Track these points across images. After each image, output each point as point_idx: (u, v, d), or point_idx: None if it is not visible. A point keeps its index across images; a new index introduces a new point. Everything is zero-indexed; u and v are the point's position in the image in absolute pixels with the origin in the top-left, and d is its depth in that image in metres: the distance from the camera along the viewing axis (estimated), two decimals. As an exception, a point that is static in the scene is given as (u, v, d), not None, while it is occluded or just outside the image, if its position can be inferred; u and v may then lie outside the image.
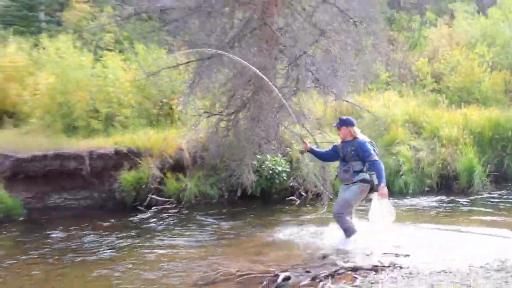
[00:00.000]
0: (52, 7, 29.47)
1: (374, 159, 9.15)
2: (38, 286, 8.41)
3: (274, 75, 12.88)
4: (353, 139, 9.33)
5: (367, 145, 9.26)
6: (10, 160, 13.38)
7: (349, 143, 9.34)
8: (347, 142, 9.39)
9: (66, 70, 15.56)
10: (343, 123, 9.44)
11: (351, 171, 9.33)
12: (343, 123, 9.44)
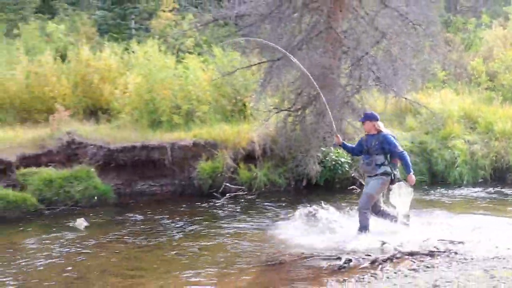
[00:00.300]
0: (141, 16, 30.23)
1: (401, 150, 9.07)
2: (121, 262, 8.91)
3: (338, 75, 13.05)
4: (378, 132, 9.19)
5: (391, 138, 9.15)
6: (103, 150, 13.98)
7: (374, 137, 9.20)
8: (371, 136, 9.24)
9: (152, 71, 15.97)
10: (367, 117, 9.37)
11: (374, 164, 9.20)
12: (367, 117, 9.37)
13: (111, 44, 19.77)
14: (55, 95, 17.18)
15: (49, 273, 8.33)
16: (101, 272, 8.33)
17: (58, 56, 18.74)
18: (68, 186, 12.99)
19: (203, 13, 13.92)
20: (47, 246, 9.77)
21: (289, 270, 7.93)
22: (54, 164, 13.56)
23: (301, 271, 7.83)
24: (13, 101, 17.34)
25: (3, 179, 13.06)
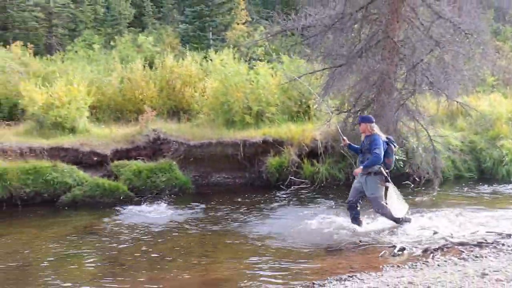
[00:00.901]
0: (218, 28, 30.53)
1: (375, 152, 8.74)
2: (198, 244, 9.07)
3: (395, 79, 12.76)
4: (371, 134, 8.96)
5: (379, 141, 8.83)
6: (184, 146, 14.17)
7: (367, 138, 9.00)
8: (366, 137, 9.05)
9: (227, 77, 16.04)
10: (363, 119, 9.20)
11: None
12: (363, 119, 9.20)
13: (192, 53, 20.05)
14: (144, 97, 17.57)
15: (134, 251, 8.51)
16: (180, 252, 8.45)
17: (146, 64, 19.12)
18: (153, 177, 13.21)
19: (272, 25, 13.77)
20: (134, 228, 10.03)
21: (347, 256, 7.82)
22: (142, 157, 13.84)
23: (358, 257, 7.72)
24: (109, 103, 17.83)
25: (100, 170, 13.45)
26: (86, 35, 31.76)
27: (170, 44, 28.37)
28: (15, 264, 8.21)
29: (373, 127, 9.03)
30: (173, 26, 34.44)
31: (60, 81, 15.11)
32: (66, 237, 9.62)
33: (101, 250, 8.82)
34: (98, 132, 14.76)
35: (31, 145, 13.33)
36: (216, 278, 7.23)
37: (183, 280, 7.12)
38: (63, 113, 14.51)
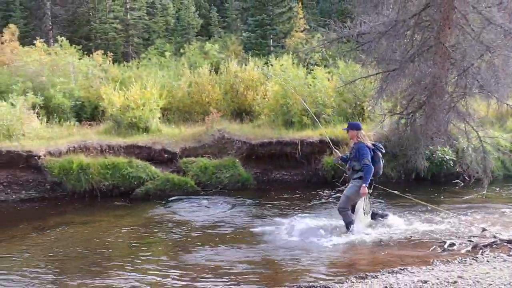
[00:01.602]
0: (278, 36, 30.56)
1: (365, 163, 8.34)
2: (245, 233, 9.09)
3: (446, 83, 12.40)
4: (357, 142, 8.58)
5: (364, 149, 8.41)
6: (247, 145, 14.25)
7: (355, 145, 8.67)
8: (354, 144, 8.71)
9: (287, 81, 16.01)
10: (350, 126, 8.75)
11: (351, 169, 8.66)
12: (350, 126, 8.75)
13: (254, 59, 20.09)
14: (210, 100, 17.78)
15: (198, 239, 8.63)
16: (233, 240, 8.50)
17: (213, 69, 19.32)
18: (218, 173, 13.34)
19: (329, 32, 13.65)
20: (199, 219, 10.27)
21: (398, 250, 7.67)
22: (208, 155, 13.98)
23: (409, 252, 7.57)
24: (178, 105, 18.14)
25: (170, 166, 13.70)
26: (158, 43, 32.50)
27: (234, 51, 28.60)
28: (95, 249, 8.49)
29: (360, 135, 8.63)
30: (237, 35, 34.72)
31: (135, 86, 15.49)
32: (140, 226, 9.87)
33: (170, 237, 8.99)
34: (168, 132, 15.05)
35: (110, 143, 13.74)
36: (275, 267, 7.24)
37: (242, 260, 7.20)
38: (138, 114, 14.87)
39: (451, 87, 12.72)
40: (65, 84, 17.82)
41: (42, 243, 8.95)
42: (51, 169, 12.67)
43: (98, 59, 22.79)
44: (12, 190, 12.88)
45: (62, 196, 12.71)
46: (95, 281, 6.86)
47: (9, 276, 7.25)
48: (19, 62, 19.64)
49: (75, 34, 33.34)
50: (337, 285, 6.04)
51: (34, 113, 14.97)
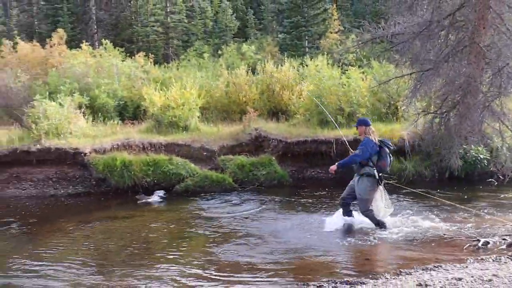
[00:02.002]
0: (313, 37, 30.42)
1: (355, 152, 8.34)
2: (297, 227, 9.06)
3: (481, 82, 12.12)
4: (365, 137, 8.41)
5: (365, 142, 8.28)
6: (282, 143, 14.22)
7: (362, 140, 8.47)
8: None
9: (321, 81, 15.94)
10: (359, 122, 8.63)
11: (358, 164, 8.44)
12: (359, 122, 8.63)
13: (289, 59, 20.04)
14: (247, 100, 17.81)
15: (236, 236, 8.68)
16: (273, 232, 8.47)
17: (249, 70, 19.35)
18: (255, 170, 13.37)
19: (363, 33, 13.50)
20: (236, 213, 10.38)
21: (432, 248, 7.54)
22: (245, 153, 14.04)
23: (443, 249, 7.42)
24: (216, 105, 18.24)
25: (208, 163, 13.80)
26: (197, 45, 32.73)
27: (270, 52, 28.60)
28: (137, 242, 8.63)
29: (368, 130, 8.47)
30: (273, 36, 34.68)
31: (176, 86, 15.66)
32: (180, 221, 9.99)
33: (207, 232, 9.05)
34: (207, 130, 15.16)
35: (151, 141, 13.94)
36: (312, 262, 7.23)
37: (276, 256, 7.20)
38: (178, 114, 15.03)
39: (486, 86, 12.43)
40: (109, 84, 18.15)
41: (88, 236, 9.15)
42: (96, 165, 12.94)
43: (140, 60, 23.11)
44: (60, 185, 13.23)
45: (106, 192, 12.97)
46: (137, 273, 6.96)
47: (57, 266, 7.43)
48: (66, 64, 20.08)
49: (118, 37, 33.88)
50: (372, 281, 5.98)
51: (81, 112, 15.30)
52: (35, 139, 13.53)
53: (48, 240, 9.00)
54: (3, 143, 13.58)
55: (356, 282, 5.99)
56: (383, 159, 8.30)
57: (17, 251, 8.34)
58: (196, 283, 6.53)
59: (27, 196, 12.86)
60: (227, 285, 6.41)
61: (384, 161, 8.31)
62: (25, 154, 13.38)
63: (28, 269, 7.40)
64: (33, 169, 13.48)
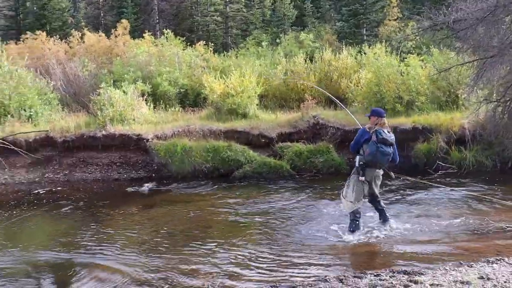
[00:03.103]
0: (372, 25, 29.77)
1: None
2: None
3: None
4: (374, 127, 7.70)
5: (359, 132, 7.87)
6: (340, 131, 14.01)
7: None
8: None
9: (380, 69, 15.59)
10: (372, 112, 7.90)
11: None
12: (372, 112, 7.90)
13: (347, 48, 19.72)
14: (305, 87, 17.65)
15: (293, 221, 8.63)
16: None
17: (307, 58, 19.16)
18: (312, 158, 13.25)
19: (423, 19, 13.05)
20: (291, 199, 10.35)
21: (493, 240, 7.24)
22: (302, 140, 13.92)
23: (505, 242, 7.10)
24: (275, 92, 18.24)
25: (266, 150, 13.80)
26: (255, 34, 32.67)
27: (328, 40, 28.18)
28: (197, 226, 8.76)
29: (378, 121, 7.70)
30: (331, 24, 34.16)
31: (235, 74, 15.71)
32: (236, 205, 10.05)
33: (264, 218, 9.06)
34: (265, 118, 15.15)
35: (211, 127, 14.07)
36: (367, 250, 7.11)
37: (335, 243, 7.12)
38: (237, 101, 15.09)
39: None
40: (170, 73, 18.43)
41: (149, 219, 9.37)
42: (158, 151, 13.20)
43: (200, 49, 23.33)
44: (124, 170, 13.59)
45: (167, 176, 13.20)
46: (196, 257, 7.07)
47: (120, 247, 7.65)
48: (130, 54, 20.58)
49: (179, 27, 34.30)
50: (430, 271, 5.80)
51: (143, 100, 15.63)
52: (101, 125, 13.94)
53: (113, 222, 9.29)
54: (71, 128, 14.07)
55: (414, 271, 5.82)
56: (368, 148, 7.59)
57: (83, 231, 8.65)
58: (257, 265, 6.58)
59: (92, 179, 13.30)
60: (286, 269, 6.41)
61: (368, 150, 7.57)
62: (91, 139, 13.84)
63: (92, 249, 7.66)
64: (98, 154, 13.92)
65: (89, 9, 41.88)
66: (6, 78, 15.25)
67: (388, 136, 7.61)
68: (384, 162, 7.67)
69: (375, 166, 7.68)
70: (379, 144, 7.49)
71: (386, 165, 7.85)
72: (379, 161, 7.60)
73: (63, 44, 25.48)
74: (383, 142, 7.51)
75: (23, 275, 6.72)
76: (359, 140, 7.81)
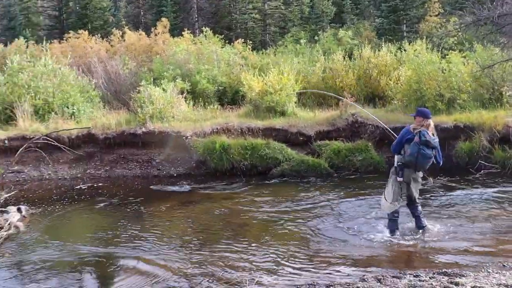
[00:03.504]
0: (412, 21, 29.33)
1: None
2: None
3: None
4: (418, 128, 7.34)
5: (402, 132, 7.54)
6: (379, 129, 13.79)
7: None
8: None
9: (420, 66, 15.32)
10: (417, 112, 7.49)
11: None
12: (417, 112, 7.49)
13: (387, 44, 19.45)
14: (343, 85, 17.56)
15: (331, 219, 8.59)
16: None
17: (346, 55, 19.01)
18: (351, 156, 13.13)
19: (466, 15, 12.75)
20: (328, 198, 10.25)
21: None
22: (341, 138, 13.81)
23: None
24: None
25: (304, 148, 13.76)
26: (294, 31, 32.61)
27: (367, 37, 27.90)
28: (234, 222, 8.86)
29: (424, 122, 7.34)
30: (370, 21, 33.81)
31: (273, 72, 15.71)
32: (274, 203, 10.08)
33: (303, 215, 9.05)
34: (303, 115, 15.09)
35: (249, 125, 14.11)
36: (406, 250, 7.03)
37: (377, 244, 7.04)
38: (275, 99, 15.07)
39: None
40: (209, 71, 18.58)
41: (188, 215, 9.50)
42: (197, 148, 13.34)
43: (239, 47, 23.42)
44: (163, 167, 13.78)
45: (206, 174, 13.32)
46: (234, 253, 7.15)
47: (160, 242, 7.80)
48: (169, 52, 20.83)
49: (218, 25, 34.53)
50: (472, 273, 5.68)
51: (182, 97, 15.81)
52: (141, 122, 14.18)
53: (152, 217, 9.45)
54: (112, 126, 14.35)
55: (455, 273, 5.72)
56: (409, 148, 7.36)
57: (123, 226, 8.85)
58: (293, 265, 6.59)
59: (132, 175, 13.54)
60: (323, 268, 6.40)
61: (409, 150, 7.33)
62: (132, 136, 14.09)
63: (132, 244, 7.85)
64: (138, 151, 14.16)
65: (129, 8, 42.67)
66: (50, 76, 15.66)
67: (432, 139, 7.31)
68: (424, 164, 7.42)
69: (414, 167, 7.43)
70: (421, 146, 7.21)
71: (426, 168, 7.61)
72: (419, 163, 7.35)
73: (104, 42, 26.01)
74: (426, 144, 7.23)
75: (66, 268, 6.93)
76: (401, 141, 7.57)
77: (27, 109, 14.56)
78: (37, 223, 9.23)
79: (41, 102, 14.92)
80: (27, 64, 15.76)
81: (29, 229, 8.81)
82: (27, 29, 35.32)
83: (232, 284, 6.01)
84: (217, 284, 6.05)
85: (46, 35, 31.43)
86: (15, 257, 7.44)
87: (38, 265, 7.04)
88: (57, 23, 39.18)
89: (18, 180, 13.16)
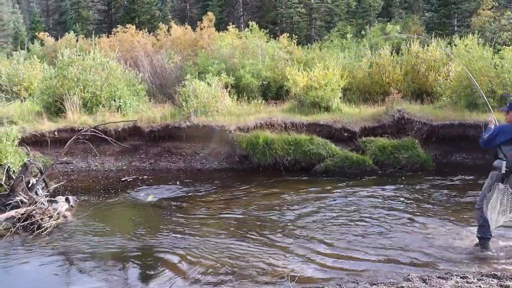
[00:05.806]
0: (463, 15, 28.56)
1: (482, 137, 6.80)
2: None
3: None
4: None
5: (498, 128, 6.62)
6: (427, 126, 13.61)
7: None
8: None
9: (471, 61, 14.89)
10: (509, 106, 6.56)
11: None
12: (509, 106, 6.56)
13: (436, 39, 18.99)
14: (390, 81, 17.28)
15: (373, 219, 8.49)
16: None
17: (393, 50, 18.69)
18: (396, 153, 12.93)
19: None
20: (369, 195, 10.05)
21: None
22: (386, 134, 13.62)
23: None
24: (359, 85, 17.94)
25: (349, 144, 13.65)
26: (340, 26, 32.31)
27: (415, 32, 27.33)
28: (277, 217, 8.88)
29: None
30: (419, 15, 33.10)
31: (318, 67, 15.60)
32: (316, 199, 10.00)
33: (344, 211, 8.98)
34: (348, 111, 14.94)
35: (293, 120, 14.07)
36: (452, 253, 6.87)
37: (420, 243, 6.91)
38: (320, 94, 14.97)
39: None
40: (253, 65, 18.61)
41: (231, 210, 9.53)
42: (240, 143, 13.39)
43: (284, 41, 23.38)
44: (207, 161, 13.92)
45: (249, 168, 13.36)
46: (275, 248, 7.18)
47: (203, 238, 7.88)
48: (214, 46, 20.99)
49: (263, 19, 34.57)
50: (524, 277, 5.50)
51: (227, 91, 15.90)
52: (185, 116, 14.34)
53: (194, 210, 9.54)
54: (157, 119, 14.59)
55: (505, 276, 5.55)
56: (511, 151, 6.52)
57: (166, 219, 8.99)
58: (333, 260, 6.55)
59: (176, 169, 13.72)
60: (367, 265, 6.36)
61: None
62: (176, 130, 14.28)
63: (173, 237, 7.98)
64: (182, 144, 14.35)
65: (175, 2, 43.25)
66: (98, 69, 16.03)
67: None
68: None
69: None
70: None
71: None
72: None
73: (150, 37, 26.48)
74: None
75: (109, 259, 7.10)
76: (494, 139, 6.70)
77: (76, 102, 14.95)
78: (84, 213, 9.48)
79: (90, 95, 15.29)
80: (77, 57, 16.16)
81: (76, 219, 9.06)
82: (77, 23, 36.39)
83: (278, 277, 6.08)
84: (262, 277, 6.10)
85: (95, 29, 32.24)
86: (64, 245, 7.67)
87: (85, 253, 7.25)
88: (105, 18, 40.18)
89: (67, 171, 13.57)
